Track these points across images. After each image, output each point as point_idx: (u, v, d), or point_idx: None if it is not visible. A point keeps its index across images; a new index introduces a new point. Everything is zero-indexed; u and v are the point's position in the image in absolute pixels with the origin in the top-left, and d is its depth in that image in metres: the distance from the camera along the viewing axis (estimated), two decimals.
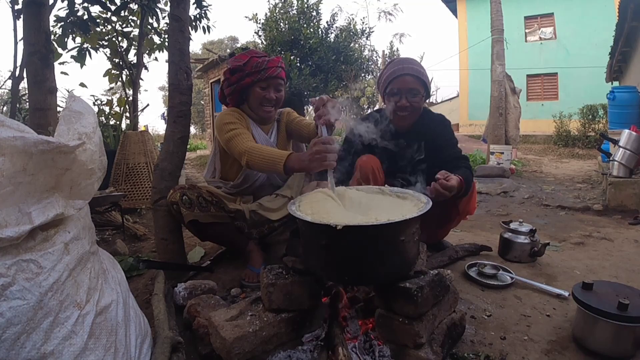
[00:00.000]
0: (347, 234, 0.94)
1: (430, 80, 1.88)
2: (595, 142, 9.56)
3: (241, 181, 1.95)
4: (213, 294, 1.56)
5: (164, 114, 14.18)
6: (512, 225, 2.18)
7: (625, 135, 3.60)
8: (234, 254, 2.13)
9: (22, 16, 3.04)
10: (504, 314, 1.54)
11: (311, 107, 1.47)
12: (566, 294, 1.66)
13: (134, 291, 1.90)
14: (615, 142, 3.67)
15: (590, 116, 10.51)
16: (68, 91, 4.73)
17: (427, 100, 1.98)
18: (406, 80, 1.81)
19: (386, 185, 1.40)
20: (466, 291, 1.72)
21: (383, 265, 1.02)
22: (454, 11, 16.56)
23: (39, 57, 2.99)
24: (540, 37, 14.18)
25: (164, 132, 2.10)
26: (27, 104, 3.53)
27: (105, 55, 5.65)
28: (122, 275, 1.09)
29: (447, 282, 1.14)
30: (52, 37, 3.94)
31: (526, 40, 14.35)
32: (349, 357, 1.02)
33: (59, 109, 4.56)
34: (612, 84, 8.02)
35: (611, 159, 3.70)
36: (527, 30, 14.40)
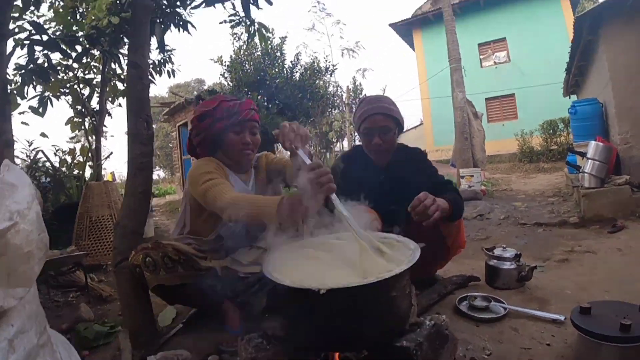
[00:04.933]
0: (332, 297, 0.84)
1: (401, 114, 1.91)
2: (559, 154, 10.01)
3: (215, 238, 1.78)
4: None
5: None
6: (496, 252, 2.13)
7: (593, 147, 3.69)
8: (209, 314, 1.95)
9: None
10: (503, 349, 1.46)
11: (279, 142, 1.37)
12: (562, 318, 1.61)
13: None
14: (583, 155, 3.76)
15: (551, 130, 10.96)
16: (29, 142, 4.49)
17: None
18: (377, 120, 1.83)
19: (367, 230, 1.32)
20: (461, 329, 1.63)
21: (375, 326, 0.92)
22: (411, 44, 17.33)
23: None
24: (494, 62, 14.93)
25: None
26: None
27: (67, 102, 5.45)
28: None
29: (445, 330, 1.05)
30: (12, 86, 3.77)
31: (482, 66, 15.09)
32: None
33: (16, 160, 4.33)
34: (569, 97, 8.45)
35: (581, 171, 3.78)
36: (481, 57, 15.18)
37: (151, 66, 5.21)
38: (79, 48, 4.17)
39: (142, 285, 1.67)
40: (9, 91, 3.78)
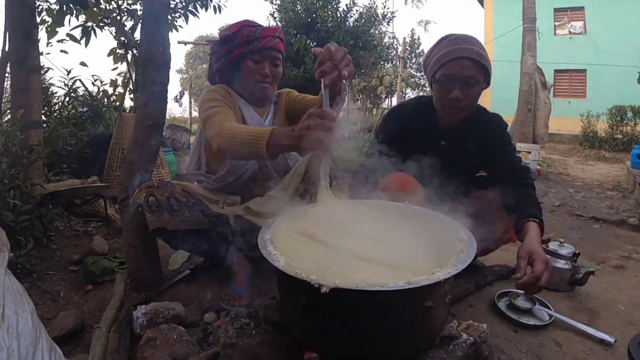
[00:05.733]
0: (338, 299, 0.60)
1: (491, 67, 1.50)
2: (622, 145, 9.14)
3: (225, 173, 1.59)
4: (178, 323, 1.25)
5: (177, 96, 14.04)
6: (552, 246, 1.83)
7: None
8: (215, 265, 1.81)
9: None
10: None
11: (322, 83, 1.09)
12: (612, 340, 1.37)
13: (101, 303, 1.64)
14: None
15: (619, 117, 9.95)
16: (67, 71, 4.46)
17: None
18: (463, 66, 1.42)
19: (406, 203, 1.04)
20: (496, 333, 1.38)
21: (396, 340, 0.68)
22: (481, 0, 15.93)
23: (22, 33, 2.70)
24: (569, 31, 13.55)
25: (176, 115, 1.80)
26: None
27: (111, 34, 5.37)
28: (28, 319, 0.78)
29: (484, 352, 0.81)
30: (52, 13, 3.69)
31: (555, 34, 13.69)
32: None
33: (53, 89, 4.33)
34: None
35: None
36: (556, 23, 13.74)
37: None
38: None
39: (146, 225, 1.53)
40: (48, 19, 3.72)
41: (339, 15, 7.26)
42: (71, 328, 1.32)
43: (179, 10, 4.70)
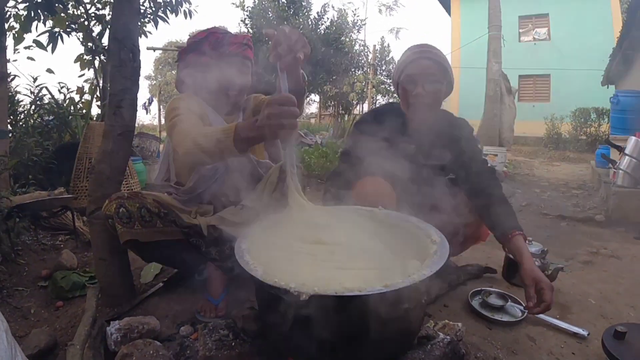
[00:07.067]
0: (318, 305, 0.60)
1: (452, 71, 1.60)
2: (586, 146, 9.55)
3: (193, 185, 1.55)
4: (154, 338, 1.21)
5: (145, 103, 13.68)
6: None
7: (633, 143, 3.37)
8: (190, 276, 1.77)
9: None
10: None
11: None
12: (585, 333, 1.42)
13: (73, 319, 1.58)
14: (621, 149, 3.45)
15: (582, 119, 10.42)
16: (33, 78, 4.28)
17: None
18: (424, 65, 1.51)
19: (380, 207, 1.06)
20: (472, 331, 1.41)
21: (375, 343, 0.68)
22: (448, 9, 16.40)
23: None
24: (534, 38, 14.14)
25: (145, 122, 1.75)
26: None
27: (78, 39, 5.20)
28: (3, 338, 0.74)
29: (461, 350, 0.83)
30: (19, 19, 3.55)
31: (520, 40, 14.26)
32: None
33: (19, 97, 4.15)
34: (607, 87, 7.86)
35: (616, 167, 3.47)
36: (521, 30, 14.32)
37: (167, 4, 4.90)
38: None
39: (117, 238, 1.48)
40: (17, 25, 3.59)
41: (310, 22, 7.36)
42: (44, 346, 1.28)
43: (149, 16, 4.61)
